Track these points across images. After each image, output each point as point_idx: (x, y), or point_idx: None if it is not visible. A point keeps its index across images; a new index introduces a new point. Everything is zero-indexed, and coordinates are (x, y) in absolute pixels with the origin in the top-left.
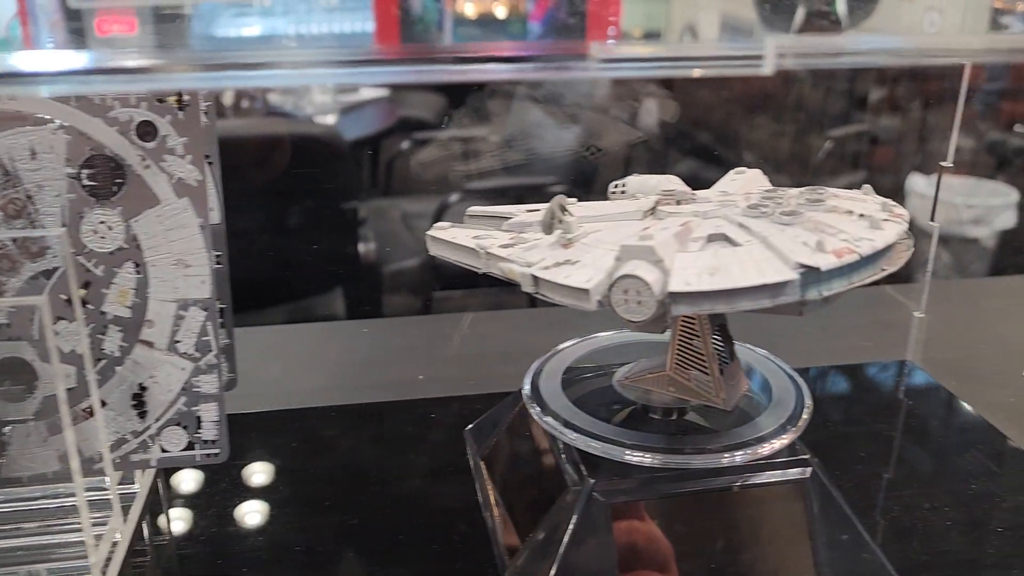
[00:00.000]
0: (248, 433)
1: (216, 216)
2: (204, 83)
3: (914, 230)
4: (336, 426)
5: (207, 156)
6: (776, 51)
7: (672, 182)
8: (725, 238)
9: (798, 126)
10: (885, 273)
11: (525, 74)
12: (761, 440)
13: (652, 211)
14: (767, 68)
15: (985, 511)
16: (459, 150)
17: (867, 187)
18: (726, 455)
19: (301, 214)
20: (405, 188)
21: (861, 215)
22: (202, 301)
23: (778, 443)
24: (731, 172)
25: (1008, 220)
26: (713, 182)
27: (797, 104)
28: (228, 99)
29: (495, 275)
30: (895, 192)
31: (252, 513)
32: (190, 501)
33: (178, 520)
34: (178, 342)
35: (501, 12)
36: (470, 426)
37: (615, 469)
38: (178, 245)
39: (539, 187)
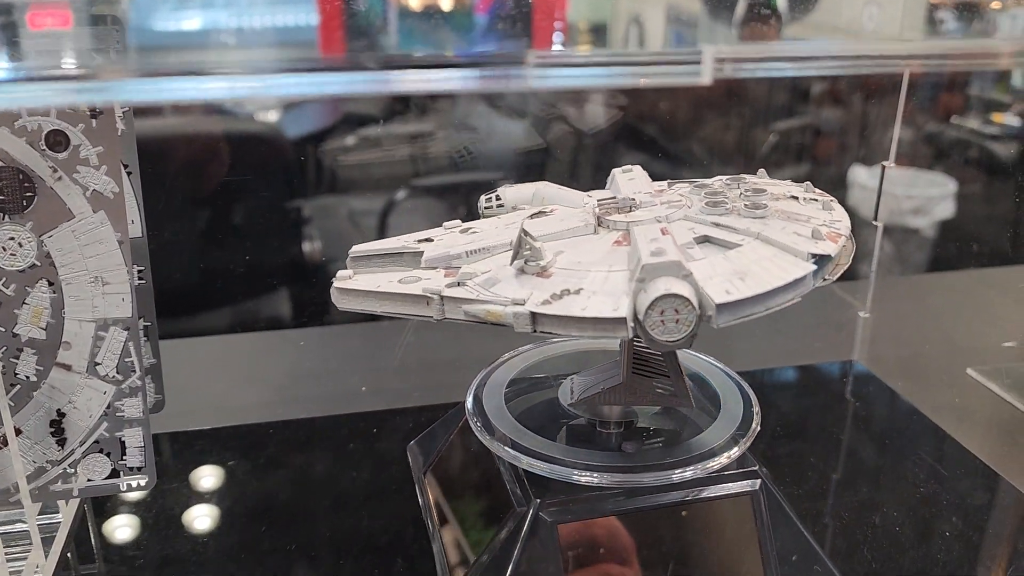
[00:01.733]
0: (181, 454)
1: (137, 229)
2: (137, 95)
3: (856, 222)
4: (274, 444)
5: (126, 166)
6: (714, 59)
7: (549, 188)
8: (709, 240)
9: (743, 120)
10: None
11: (469, 84)
12: (711, 454)
13: (599, 222)
14: (705, 77)
15: (933, 515)
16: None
17: (761, 171)
18: (676, 471)
19: (241, 214)
20: (350, 186)
21: (807, 198)
22: (123, 320)
23: (727, 457)
24: (618, 172)
25: (946, 210)
26: (666, 177)
27: (740, 98)
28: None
29: (456, 320)
30: (839, 183)
31: (185, 541)
32: (119, 530)
33: (106, 551)
34: (98, 364)
35: (446, 4)
36: (413, 441)
37: (562, 487)
38: (95, 261)
39: (488, 183)
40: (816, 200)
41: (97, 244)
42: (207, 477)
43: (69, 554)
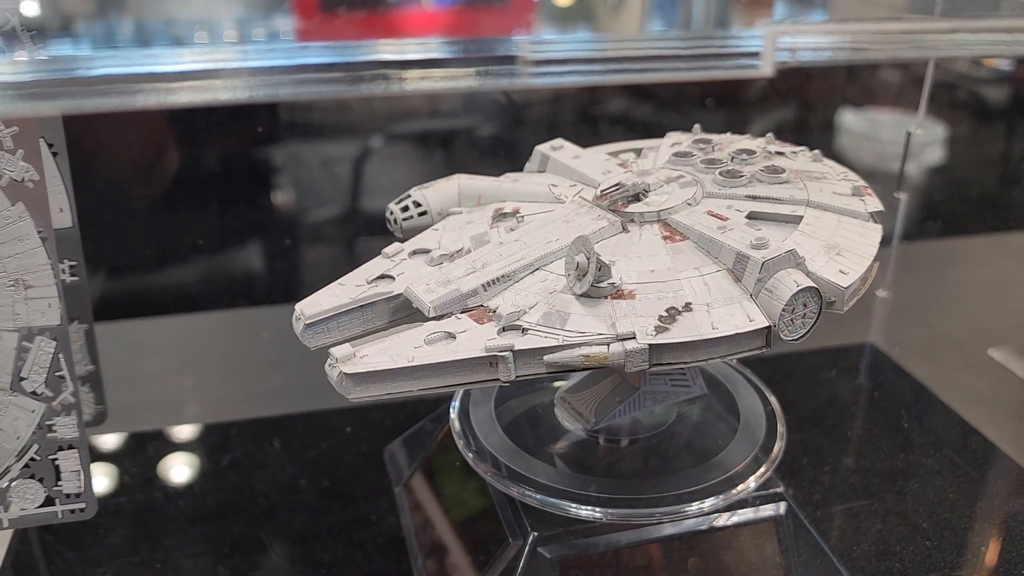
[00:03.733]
0: (130, 460)
1: (67, 218)
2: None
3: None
4: (236, 447)
5: (51, 145)
6: (775, 44)
7: (473, 180)
8: (757, 216)
9: None
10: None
11: (459, 84)
12: (732, 481)
13: (617, 214)
14: (766, 67)
15: (964, 523)
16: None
17: (696, 127)
18: (694, 504)
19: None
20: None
21: (791, 152)
22: (50, 329)
23: (752, 481)
24: (547, 150)
25: (934, 155)
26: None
27: None
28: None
29: (527, 377)
30: (827, 126)
31: (139, 564)
32: (63, 557)
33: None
34: (24, 379)
35: None
36: (391, 445)
37: (562, 517)
38: (14, 262)
39: (465, 130)
40: (796, 152)
41: (16, 242)
42: (161, 488)
43: None
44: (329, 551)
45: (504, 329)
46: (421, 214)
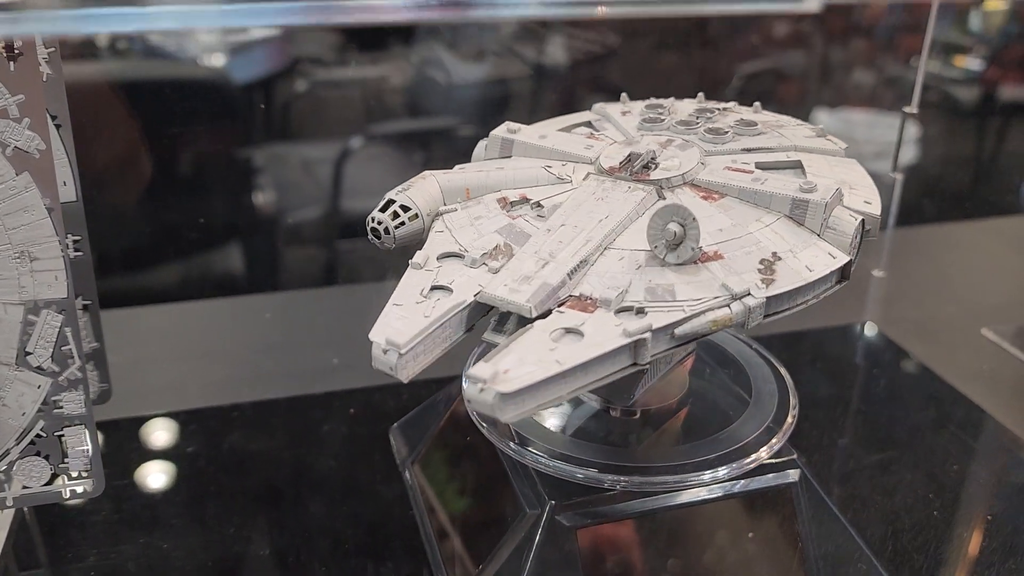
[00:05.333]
0: (133, 444)
1: (70, 192)
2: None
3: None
4: (238, 429)
5: (54, 117)
6: None
7: (467, 175)
8: (762, 166)
9: (706, 62)
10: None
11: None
12: (746, 450)
13: (644, 184)
14: (812, 4)
15: (967, 492)
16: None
17: (624, 95)
18: (707, 472)
19: (190, 162)
20: (302, 132)
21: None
22: (57, 302)
23: (766, 450)
24: (506, 134)
25: (909, 155)
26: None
27: (704, 40)
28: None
29: (658, 354)
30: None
31: (142, 545)
32: (66, 538)
33: (52, 562)
34: (29, 354)
35: None
36: (397, 423)
37: (578, 486)
38: (20, 233)
39: (446, 130)
40: (728, 108)
41: (22, 212)
42: (164, 472)
43: (9, 567)
44: (338, 530)
45: (618, 312)
46: (412, 218)
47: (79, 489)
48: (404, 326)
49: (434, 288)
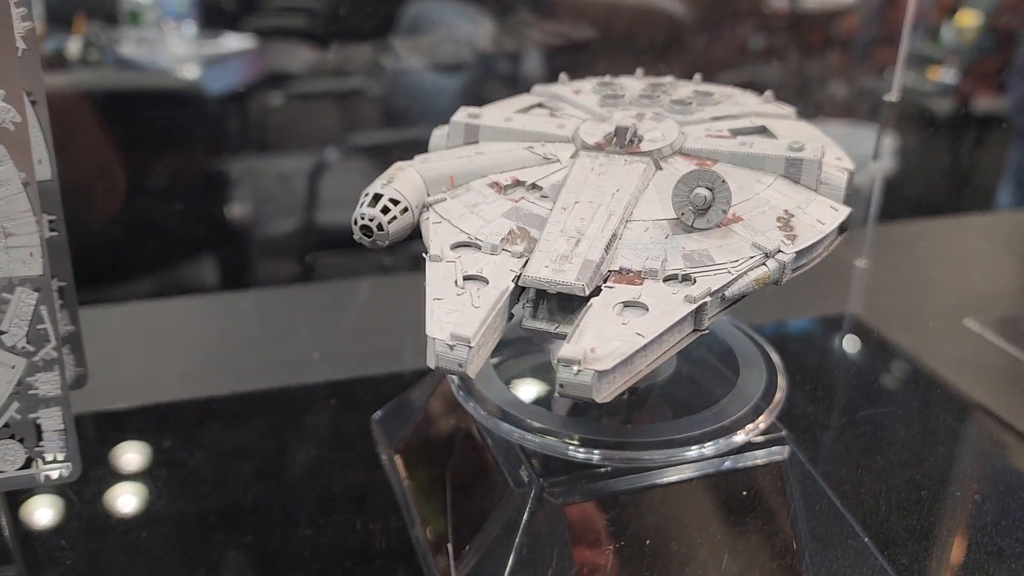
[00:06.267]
0: (108, 436)
1: (46, 170)
2: None
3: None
4: (217, 422)
5: (29, 93)
6: None
7: (445, 164)
8: (736, 132)
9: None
10: None
11: None
12: (735, 426)
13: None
14: None
15: (956, 476)
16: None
17: (562, 75)
18: (693, 447)
19: (164, 175)
20: (277, 144)
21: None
22: (32, 280)
23: (752, 427)
24: (468, 119)
25: (885, 165)
26: None
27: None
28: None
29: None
30: None
31: (119, 537)
32: (40, 527)
33: (25, 552)
34: (3, 333)
35: None
36: (378, 412)
37: (565, 464)
38: None
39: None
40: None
41: None
42: (141, 464)
43: None
44: (321, 519)
45: (666, 281)
46: (403, 211)
47: (55, 474)
48: (462, 319)
49: (467, 279)
